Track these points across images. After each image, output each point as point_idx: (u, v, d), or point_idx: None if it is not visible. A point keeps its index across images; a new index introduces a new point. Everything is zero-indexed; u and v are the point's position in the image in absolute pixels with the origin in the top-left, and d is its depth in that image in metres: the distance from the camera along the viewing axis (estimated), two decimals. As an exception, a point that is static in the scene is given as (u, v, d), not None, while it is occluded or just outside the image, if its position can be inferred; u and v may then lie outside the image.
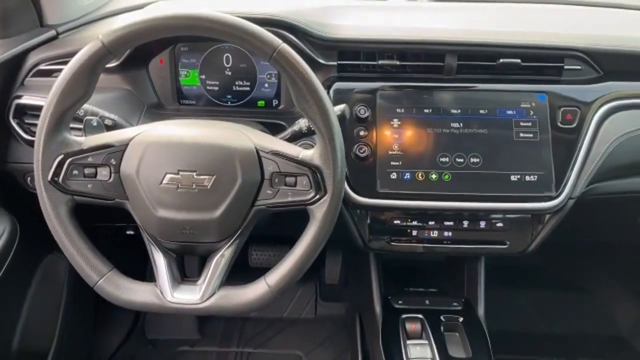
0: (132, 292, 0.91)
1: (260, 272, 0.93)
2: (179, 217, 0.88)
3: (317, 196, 0.88)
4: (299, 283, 1.92)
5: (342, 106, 1.00)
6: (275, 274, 0.90)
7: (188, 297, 0.90)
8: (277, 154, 0.89)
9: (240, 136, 0.90)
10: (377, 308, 1.25)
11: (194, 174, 0.86)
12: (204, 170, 0.86)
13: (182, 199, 0.87)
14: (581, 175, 1.11)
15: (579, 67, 1.16)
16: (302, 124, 1.01)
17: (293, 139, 1.02)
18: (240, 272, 0.94)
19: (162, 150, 0.87)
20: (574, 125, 1.12)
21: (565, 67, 1.15)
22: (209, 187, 0.86)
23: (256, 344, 1.87)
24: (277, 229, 1.16)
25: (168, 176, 0.86)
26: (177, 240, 0.91)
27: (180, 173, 0.86)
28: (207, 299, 0.90)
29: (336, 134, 0.87)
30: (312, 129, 0.91)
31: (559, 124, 1.12)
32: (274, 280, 0.90)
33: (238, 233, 0.91)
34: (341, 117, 0.99)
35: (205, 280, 0.91)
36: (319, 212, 0.88)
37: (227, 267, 0.92)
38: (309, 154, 0.89)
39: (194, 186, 0.86)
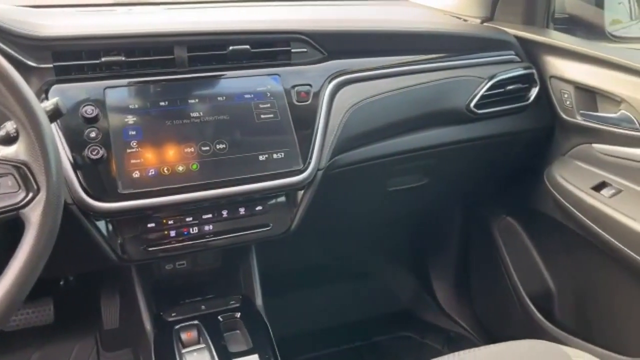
0: None
1: None
2: None
3: (30, 195, 0.75)
4: (74, 339, 1.67)
5: (53, 100, 0.87)
6: (-11, 299, 0.73)
7: None
8: None
9: None
10: (147, 325, 1.12)
11: None
12: None
13: None
14: (324, 147, 1.15)
15: (305, 50, 1.22)
16: (8, 126, 0.86)
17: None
18: None
19: None
20: (308, 102, 1.17)
21: (292, 50, 1.21)
22: None
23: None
24: None
25: None
26: None
27: None
28: None
29: (42, 120, 0.75)
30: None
31: (295, 102, 1.15)
32: None
33: None
34: (55, 111, 0.86)
35: None
36: (34, 215, 0.75)
37: None
38: (12, 150, 0.76)
39: None
